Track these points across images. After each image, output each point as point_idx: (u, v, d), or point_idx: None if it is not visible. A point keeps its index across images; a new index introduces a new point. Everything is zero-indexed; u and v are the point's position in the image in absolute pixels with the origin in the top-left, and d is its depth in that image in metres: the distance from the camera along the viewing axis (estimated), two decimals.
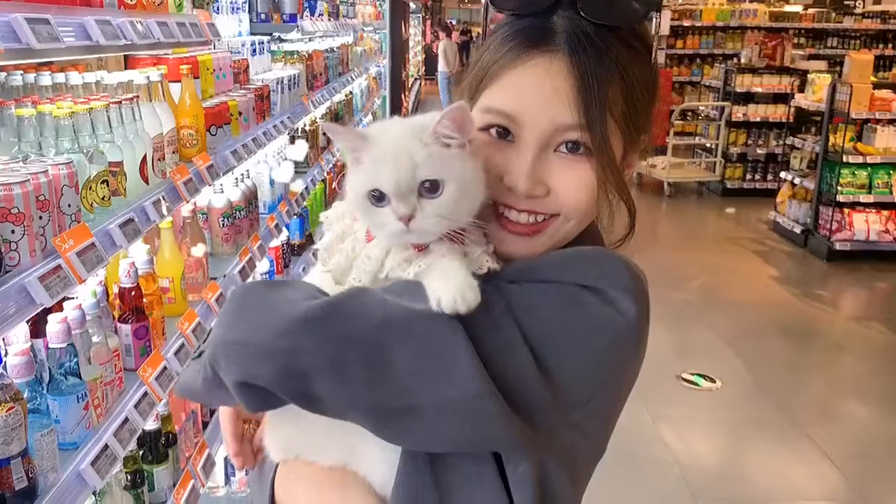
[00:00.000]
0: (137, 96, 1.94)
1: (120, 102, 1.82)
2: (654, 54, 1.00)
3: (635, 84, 0.95)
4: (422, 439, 0.87)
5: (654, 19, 1.01)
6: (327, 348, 0.83)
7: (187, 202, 2.14)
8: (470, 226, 0.93)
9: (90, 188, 1.64)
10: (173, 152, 2.16)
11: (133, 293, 1.91)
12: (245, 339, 0.86)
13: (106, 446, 1.58)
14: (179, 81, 2.36)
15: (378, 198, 0.90)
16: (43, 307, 1.35)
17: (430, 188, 0.89)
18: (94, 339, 1.69)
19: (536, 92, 0.93)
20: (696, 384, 4.59)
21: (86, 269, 1.45)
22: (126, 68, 2.48)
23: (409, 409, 0.84)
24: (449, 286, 0.85)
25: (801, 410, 4.42)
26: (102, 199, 1.69)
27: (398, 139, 0.92)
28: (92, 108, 1.69)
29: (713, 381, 4.62)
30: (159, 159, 2.04)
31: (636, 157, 1.04)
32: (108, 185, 1.70)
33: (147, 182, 1.94)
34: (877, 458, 3.98)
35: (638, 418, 4.09)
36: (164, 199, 1.94)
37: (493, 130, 0.97)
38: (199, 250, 2.33)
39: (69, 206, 1.51)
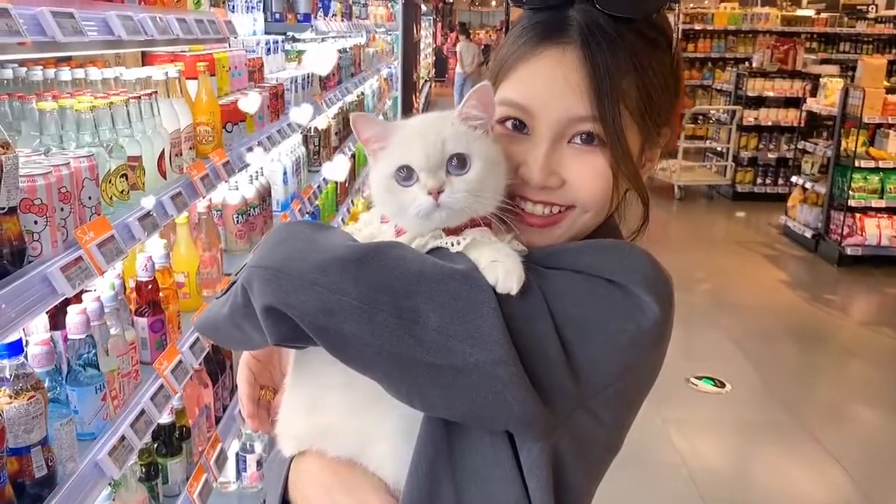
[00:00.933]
0: (156, 92, 1.96)
1: (139, 98, 1.84)
2: (674, 47, 1.00)
3: (652, 76, 0.96)
4: (438, 400, 0.87)
5: (675, 10, 1.02)
6: (362, 291, 0.84)
7: (204, 198, 2.16)
8: (494, 215, 0.95)
9: (110, 181, 1.66)
10: (190, 148, 2.18)
11: (150, 287, 1.93)
12: (283, 267, 0.88)
13: (123, 437, 1.60)
14: (196, 78, 2.38)
15: (405, 176, 0.92)
16: (64, 297, 1.36)
17: (458, 164, 0.92)
18: (112, 331, 1.71)
19: (549, 83, 0.95)
20: (706, 387, 4.58)
21: (105, 260, 1.47)
22: (143, 65, 2.50)
23: (431, 365, 0.84)
24: (507, 264, 0.87)
25: (810, 414, 4.41)
26: (121, 192, 1.71)
27: (426, 121, 0.96)
28: (112, 103, 1.71)
29: (722, 384, 4.61)
30: (176, 155, 2.06)
31: (657, 151, 1.05)
32: (126, 179, 1.72)
33: (165, 177, 1.96)
34: (886, 462, 3.96)
35: (647, 421, 4.08)
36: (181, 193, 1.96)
37: (508, 123, 0.99)
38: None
39: (90, 198, 1.53)
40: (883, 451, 4.07)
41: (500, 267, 0.87)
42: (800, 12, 12.97)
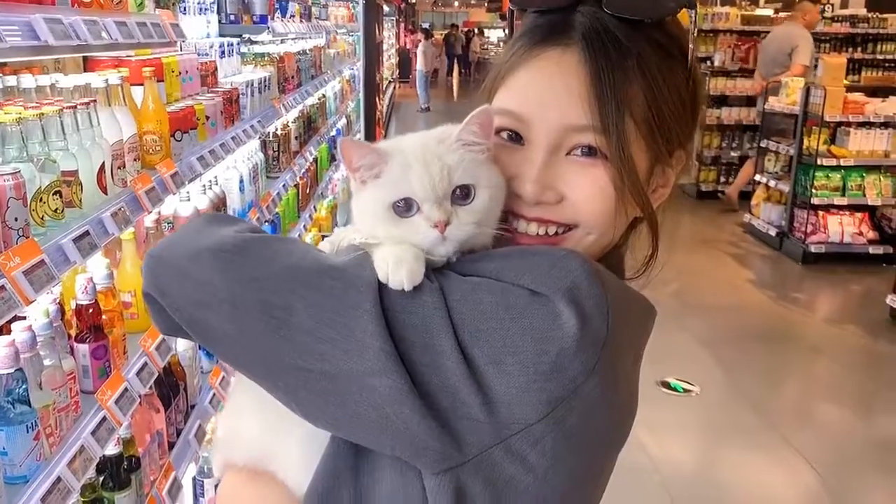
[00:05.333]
0: (95, 100, 1.82)
1: (75, 107, 1.70)
2: (691, 60, 0.90)
3: (663, 86, 0.86)
4: (315, 410, 0.79)
5: (690, 19, 0.92)
6: (229, 285, 0.79)
7: (149, 212, 2.02)
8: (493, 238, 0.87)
9: (41, 200, 1.52)
10: (135, 160, 2.04)
11: (91, 310, 1.79)
12: (164, 253, 0.87)
13: (59, 479, 1.46)
14: (142, 84, 2.24)
15: (405, 208, 0.83)
16: None
17: (462, 194, 0.84)
18: (47, 362, 1.57)
19: (546, 88, 0.86)
20: (676, 390, 4.55)
21: (34, 288, 1.34)
22: (85, 70, 2.35)
23: (302, 369, 0.76)
24: (399, 254, 0.79)
25: (779, 415, 4.41)
26: (55, 211, 1.57)
27: (424, 147, 0.87)
28: (43, 114, 1.57)
29: (692, 386, 4.58)
30: (119, 167, 1.92)
31: (671, 177, 0.94)
32: (61, 196, 1.58)
33: (105, 192, 1.82)
34: (854, 461, 3.97)
35: None
36: (124, 209, 1.82)
37: (504, 134, 0.90)
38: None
39: (16, 220, 1.40)
40: (851, 450, 4.07)
41: (392, 258, 0.78)
42: (758, 11, 13.08)
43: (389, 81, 17.01)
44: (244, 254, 0.80)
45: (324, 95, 6.04)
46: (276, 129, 4.27)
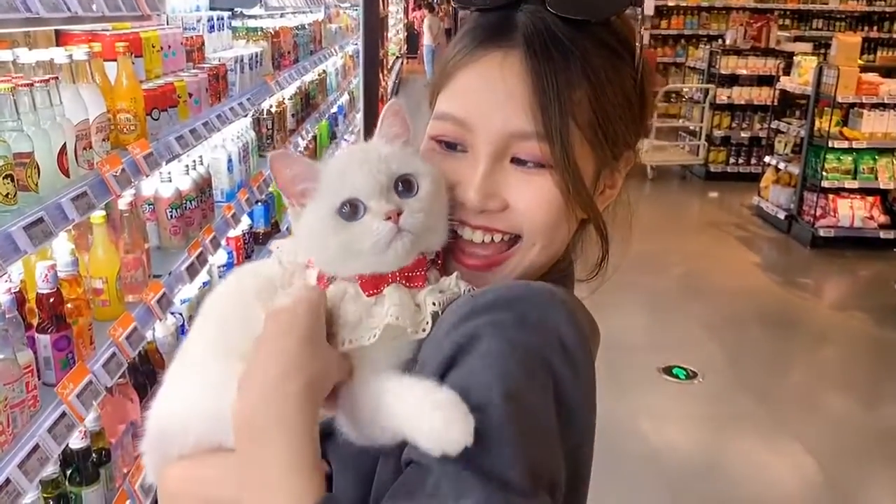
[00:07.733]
0: (56, 77, 1.72)
1: (31, 85, 1.60)
2: (638, 59, 0.85)
3: (609, 89, 0.81)
4: None
5: (638, 17, 0.86)
6: None
7: (118, 196, 1.92)
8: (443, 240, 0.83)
9: None
10: (103, 140, 1.94)
11: (52, 300, 1.70)
12: None
13: (8, 481, 1.38)
14: (115, 60, 2.14)
15: (351, 212, 0.78)
16: None
17: (406, 187, 0.80)
18: None
19: (488, 93, 0.81)
20: (678, 376, 4.46)
21: None
22: (57, 45, 2.25)
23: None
24: (443, 403, 0.68)
25: (782, 403, 4.32)
26: (6, 196, 1.48)
27: (355, 151, 0.83)
28: None
29: (694, 373, 4.49)
30: (85, 148, 1.82)
31: (619, 177, 0.90)
32: (12, 179, 1.49)
33: (68, 175, 1.72)
34: (855, 450, 3.88)
35: (616, 412, 3.94)
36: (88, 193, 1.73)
37: (444, 140, 0.86)
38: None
39: None
40: (853, 439, 3.98)
41: (439, 416, 0.66)
42: None
43: (397, 57, 16.79)
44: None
45: (324, 71, 5.92)
46: (271, 107, 4.16)
